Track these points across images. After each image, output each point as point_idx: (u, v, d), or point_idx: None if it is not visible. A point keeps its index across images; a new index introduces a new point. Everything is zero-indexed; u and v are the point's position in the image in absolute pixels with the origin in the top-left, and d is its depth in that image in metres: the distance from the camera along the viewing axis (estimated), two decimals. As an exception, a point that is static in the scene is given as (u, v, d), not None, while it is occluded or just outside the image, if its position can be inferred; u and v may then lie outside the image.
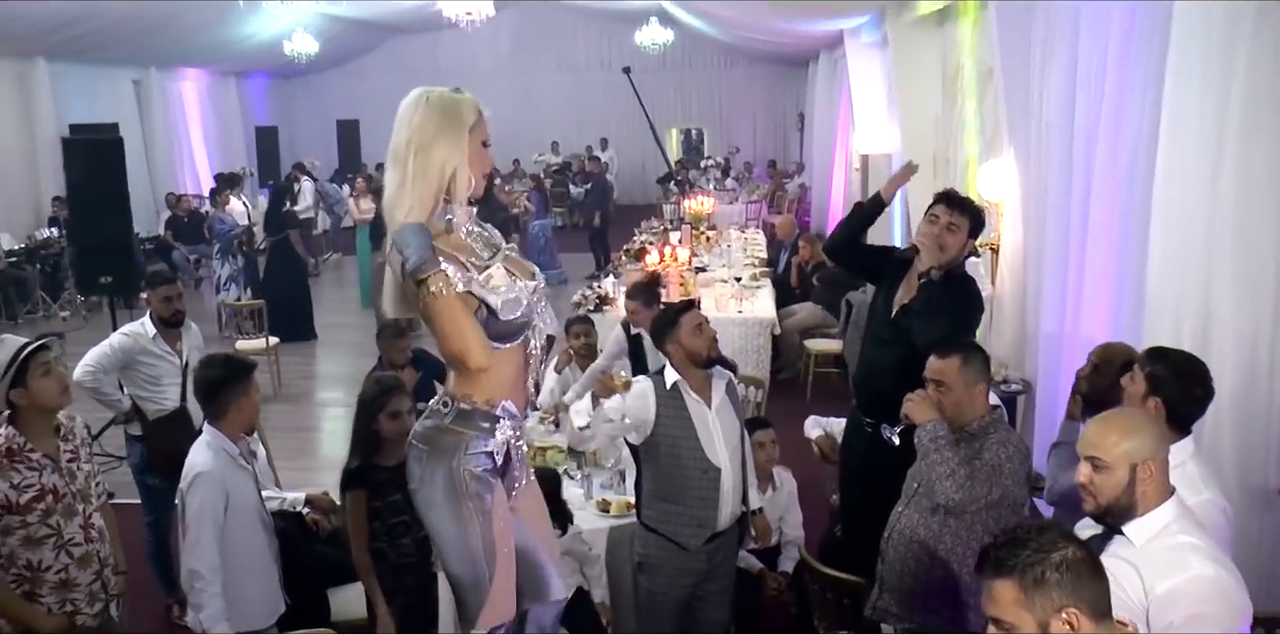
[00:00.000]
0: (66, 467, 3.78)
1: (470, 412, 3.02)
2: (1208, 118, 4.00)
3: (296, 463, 7.44)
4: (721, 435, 4.24)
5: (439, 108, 2.94)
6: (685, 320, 4.29)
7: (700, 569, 4.29)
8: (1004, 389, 6.43)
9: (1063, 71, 5.80)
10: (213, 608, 3.76)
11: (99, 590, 3.85)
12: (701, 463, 4.20)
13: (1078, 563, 2.21)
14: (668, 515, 4.26)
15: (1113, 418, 2.85)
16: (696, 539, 4.24)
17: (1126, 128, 4.98)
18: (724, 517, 4.25)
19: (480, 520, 3.04)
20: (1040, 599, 2.19)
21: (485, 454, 3.04)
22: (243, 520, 3.92)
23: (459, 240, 3.00)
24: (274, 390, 9.95)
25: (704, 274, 10.21)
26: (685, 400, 4.24)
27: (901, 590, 3.64)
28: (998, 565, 2.23)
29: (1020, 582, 2.20)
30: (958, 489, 3.46)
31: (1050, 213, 6.06)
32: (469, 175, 2.95)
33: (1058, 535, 2.26)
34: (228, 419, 3.99)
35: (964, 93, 8.79)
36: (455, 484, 3.03)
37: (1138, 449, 2.69)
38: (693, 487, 4.21)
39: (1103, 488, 2.71)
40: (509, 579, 3.16)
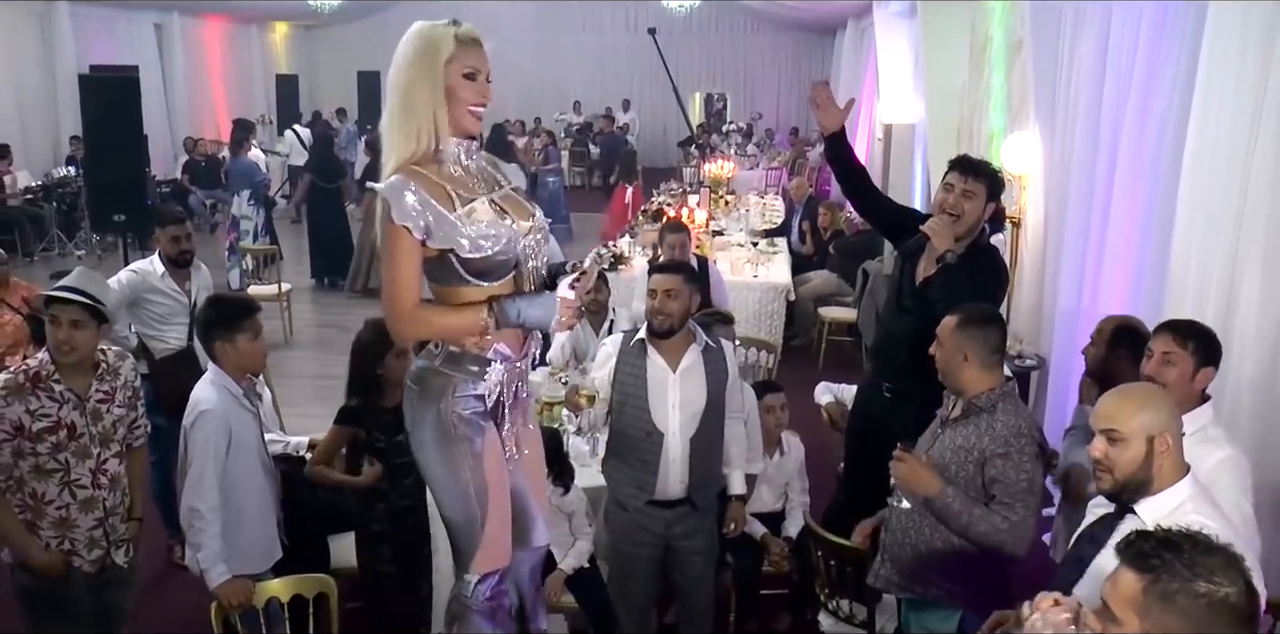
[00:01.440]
0: (93, 406, 3.77)
1: (459, 354, 3.01)
2: (1244, 95, 3.90)
3: (306, 410, 7.41)
4: (679, 401, 4.09)
5: (417, 41, 2.93)
6: (653, 280, 4.17)
7: (656, 535, 4.19)
8: (1018, 364, 6.39)
9: (1094, 44, 5.70)
10: (210, 548, 3.73)
11: (100, 537, 3.84)
12: (645, 425, 4.09)
13: (1224, 607, 1.97)
14: (613, 471, 4.25)
15: (1127, 391, 2.82)
16: (635, 501, 4.16)
17: (1156, 103, 4.90)
18: (669, 485, 4.13)
19: (470, 463, 3.04)
20: (1157, 616, 2.00)
21: (475, 397, 3.03)
22: (243, 461, 3.89)
23: (449, 172, 2.96)
24: (284, 337, 9.96)
25: (720, 238, 10.16)
26: (647, 360, 4.12)
27: (904, 561, 3.61)
28: (1140, 559, 2.05)
29: (1148, 587, 2.02)
30: (1014, 545, 3.36)
31: (1073, 188, 5.98)
32: (451, 108, 2.92)
33: (1225, 568, 2.02)
34: (225, 361, 3.95)
35: (991, 64, 8.66)
36: (444, 426, 3.02)
37: (1154, 421, 2.65)
38: (636, 448, 4.12)
39: (1119, 462, 2.66)
40: (503, 525, 3.15)
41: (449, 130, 2.95)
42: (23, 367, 3.72)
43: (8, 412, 3.61)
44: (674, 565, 4.29)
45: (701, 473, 4.16)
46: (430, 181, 2.90)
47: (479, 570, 3.13)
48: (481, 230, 2.90)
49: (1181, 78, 4.49)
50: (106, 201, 8.77)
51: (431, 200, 2.86)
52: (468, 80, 2.93)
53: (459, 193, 2.93)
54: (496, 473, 3.09)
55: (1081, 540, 2.86)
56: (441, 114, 2.91)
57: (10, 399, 3.62)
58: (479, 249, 2.90)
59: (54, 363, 3.69)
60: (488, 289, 2.97)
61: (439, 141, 2.94)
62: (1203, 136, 4.10)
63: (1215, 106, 4.03)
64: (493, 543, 3.13)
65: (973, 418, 3.49)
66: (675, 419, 4.09)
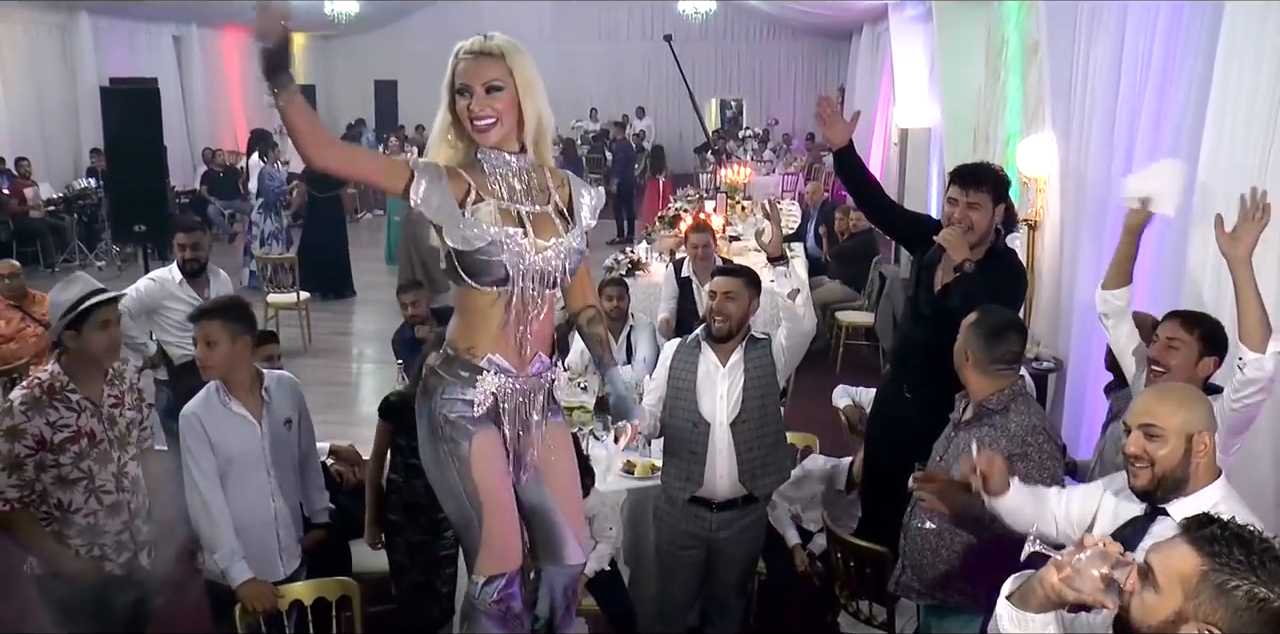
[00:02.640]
0: (108, 412, 3.79)
1: (452, 357, 3.08)
2: (1259, 98, 3.89)
3: (325, 417, 7.41)
4: (726, 393, 4.24)
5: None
6: (714, 280, 4.32)
7: (700, 537, 4.30)
8: (1035, 366, 6.38)
9: (1109, 46, 5.70)
10: (225, 548, 3.75)
11: (127, 541, 3.86)
12: (692, 415, 4.24)
13: (1269, 613, 1.92)
14: (668, 467, 4.39)
15: (1166, 389, 2.86)
16: (683, 493, 4.27)
17: (1171, 106, 4.89)
18: (717, 479, 4.24)
19: (455, 465, 3.09)
20: (1207, 599, 1.94)
21: (462, 401, 3.07)
22: (233, 471, 3.85)
23: (484, 181, 3.02)
24: (304, 345, 10.04)
25: (737, 243, 10.17)
26: (700, 355, 4.28)
27: (924, 566, 3.61)
28: (1207, 542, 1.97)
29: (1205, 571, 1.95)
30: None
31: (1089, 190, 5.98)
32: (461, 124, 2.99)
33: None
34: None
35: (1008, 67, 8.66)
36: (433, 426, 3.10)
37: (1194, 419, 2.64)
38: (684, 438, 4.25)
39: (1157, 457, 2.62)
40: (506, 529, 3.17)
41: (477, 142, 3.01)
42: (35, 380, 3.72)
43: (29, 426, 3.60)
44: (713, 572, 4.38)
45: (749, 460, 4.25)
46: (460, 179, 2.98)
47: (484, 572, 3.16)
48: (473, 229, 2.93)
49: (1197, 79, 4.48)
50: (127, 212, 8.85)
51: (449, 193, 2.94)
52: (461, 97, 2.97)
53: (479, 193, 2.98)
54: (492, 479, 3.11)
55: None
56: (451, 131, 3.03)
57: (31, 413, 3.61)
58: (468, 244, 2.93)
59: (66, 373, 3.71)
60: (486, 294, 3.01)
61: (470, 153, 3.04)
62: (1218, 137, 4.10)
63: (1231, 107, 4.02)
64: (495, 546, 3.14)
65: (985, 420, 3.49)
66: (723, 410, 4.21)
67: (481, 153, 3.03)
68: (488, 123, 2.97)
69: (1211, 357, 3.38)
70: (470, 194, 2.97)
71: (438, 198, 2.92)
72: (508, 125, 3.00)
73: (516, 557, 3.22)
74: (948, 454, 3.56)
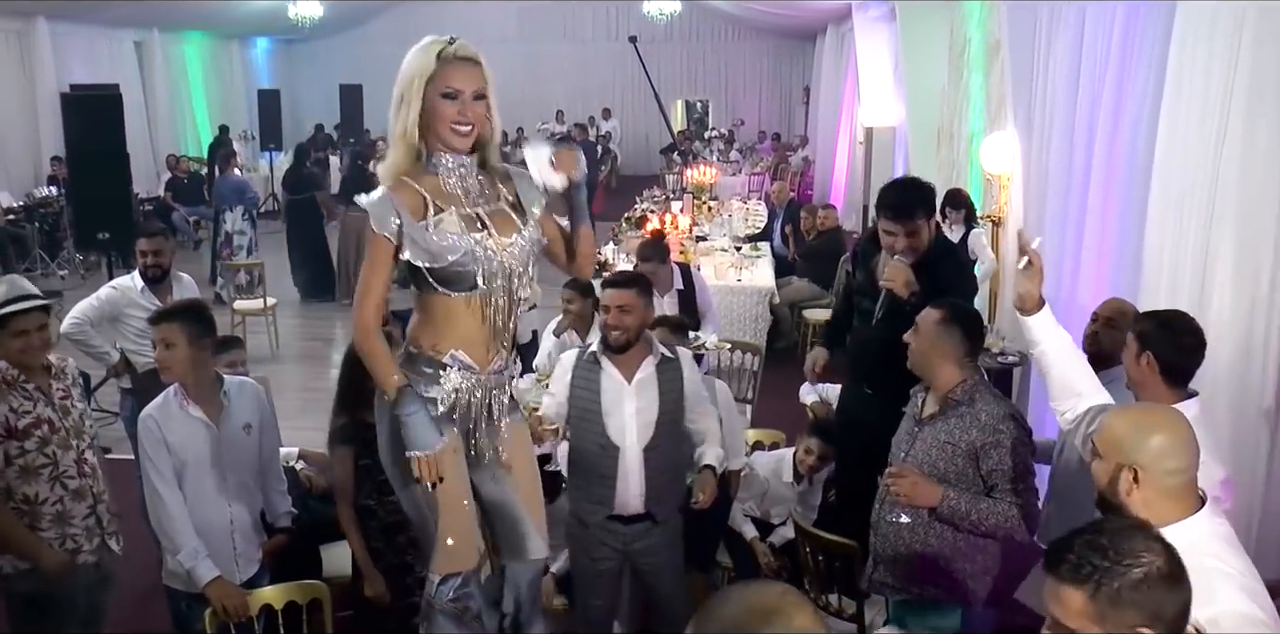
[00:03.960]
0: (60, 403, 3.83)
1: (415, 355, 3.11)
2: (1212, 93, 3.95)
3: (295, 422, 7.40)
4: (634, 412, 3.97)
5: (410, 58, 3.02)
6: (605, 295, 4.01)
7: (616, 550, 4.08)
8: (1001, 361, 6.44)
9: (1068, 45, 5.76)
10: (188, 547, 3.73)
11: (94, 525, 3.89)
12: (600, 438, 3.97)
13: (1159, 578, 1.94)
14: (573, 487, 4.16)
15: (1133, 408, 2.78)
16: (595, 516, 4.04)
17: (1129, 101, 4.96)
18: (627, 499, 4.01)
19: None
20: (1113, 616, 1.94)
21: (425, 400, 3.09)
22: (189, 475, 3.82)
23: (437, 184, 3.05)
24: (271, 351, 9.99)
25: (704, 243, 10.21)
26: (602, 373, 4.00)
27: (896, 562, 3.62)
28: (1072, 572, 1.97)
29: (1093, 595, 1.95)
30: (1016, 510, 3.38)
31: (1051, 185, 6.04)
32: (434, 126, 3.01)
33: (1141, 544, 1.98)
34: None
35: (970, 65, 8.74)
36: (395, 425, 3.10)
37: (1130, 449, 2.44)
38: (592, 462, 4.00)
39: (1095, 473, 2.52)
40: (462, 528, 3.19)
41: (437, 146, 3.01)
42: None
43: None
44: (643, 581, 4.22)
45: (658, 485, 4.04)
46: (412, 192, 3.00)
47: (439, 571, 3.19)
48: (441, 241, 2.99)
49: (1153, 77, 4.54)
50: (90, 220, 8.78)
51: (407, 211, 2.97)
52: (447, 100, 2.98)
53: (437, 203, 3.01)
54: (450, 477, 3.12)
55: None
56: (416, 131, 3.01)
57: None
58: (438, 259, 2.99)
59: (15, 366, 3.72)
60: (457, 299, 3.03)
61: (428, 155, 3.04)
62: (1173, 133, 4.15)
63: (1184, 104, 4.08)
64: (451, 545, 3.17)
65: (951, 412, 3.52)
66: (632, 432, 3.97)
67: (437, 156, 3.04)
68: (468, 129, 3.02)
69: (1145, 353, 3.20)
70: (429, 207, 3.00)
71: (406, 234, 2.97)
72: (477, 131, 3.05)
73: (472, 556, 3.23)
74: (913, 450, 3.58)
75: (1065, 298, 5.62)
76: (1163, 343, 3.18)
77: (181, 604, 3.91)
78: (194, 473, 3.83)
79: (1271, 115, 3.86)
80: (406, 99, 2.99)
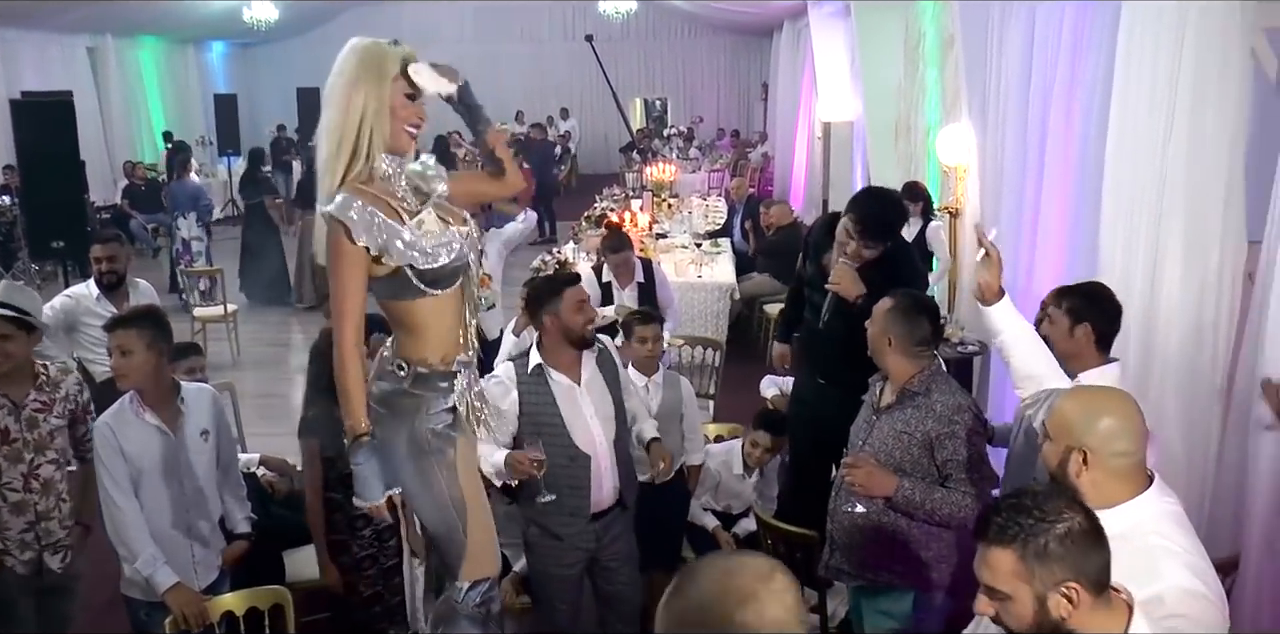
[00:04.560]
0: (29, 414, 3.80)
1: (428, 374, 3.08)
2: (1159, 87, 4.04)
3: (257, 429, 7.38)
4: (594, 413, 3.92)
5: (358, 56, 2.97)
6: (569, 294, 3.89)
7: (588, 548, 4.01)
8: (960, 350, 6.49)
9: (1020, 39, 5.82)
10: (145, 554, 3.70)
11: (31, 541, 3.86)
12: (569, 450, 3.86)
13: (1081, 534, 2.06)
14: (542, 506, 3.88)
15: (1083, 392, 2.82)
16: (572, 527, 3.94)
17: (1080, 95, 5.03)
18: (601, 500, 3.97)
19: (444, 475, 3.12)
20: (1040, 572, 2.05)
21: (446, 411, 3.11)
22: (144, 483, 3.78)
23: (388, 188, 3.01)
24: (232, 358, 9.92)
25: (664, 240, 10.23)
26: (550, 382, 3.90)
27: (851, 549, 3.64)
28: (999, 533, 2.09)
29: (1020, 553, 2.06)
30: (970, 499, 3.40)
31: (1006, 177, 6.10)
32: (389, 126, 2.97)
33: (1063, 503, 2.11)
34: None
35: (925, 60, 8.79)
36: (418, 443, 3.09)
37: (1079, 432, 2.49)
38: (561, 475, 3.84)
39: (1045, 455, 2.58)
40: (486, 532, 3.23)
41: (382, 148, 2.99)
42: None
43: None
44: (603, 577, 4.14)
45: (626, 473, 4.05)
46: (374, 198, 2.95)
47: (469, 577, 3.20)
48: (435, 241, 2.98)
49: (1103, 69, 4.60)
50: (45, 229, 8.70)
51: (381, 216, 2.92)
52: (409, 100, 2.99)
53: (403, 207, 2.99)
54: (471, 482, 3.17)
55: None
56: (381, 128, 2.96)
57: None
58: (434, 260, 2.96)
59: None
60: (441, 297, 3.01)
61: (372, 158, 2.98)
62: (1122, 124, 4.23)
63: (1133, 99, 4.17)
64: (478, 550, 3.20)
65: (908, 402, 3.54)
66: (598, 435, 3.92)
67: (387, 160, 3.01)
68: (417, 131, 3.04)
69: (1082, 324, 3.35)
70: (400, 212, 2.97)
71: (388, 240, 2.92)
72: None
73: (497, 560, 3.28)
74: (871, 439, 3.60)
75: (1022, 287, 5.68)
76: (1095, 314, 3.34)
77: (141, 613, 3.87)
78: (151, 480, 3.80)
79: (1216, 107, 3.95)
80: (372, 97, 2.93)
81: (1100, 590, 2.09)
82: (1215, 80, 3.91)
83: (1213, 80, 3.92)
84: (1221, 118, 3.94)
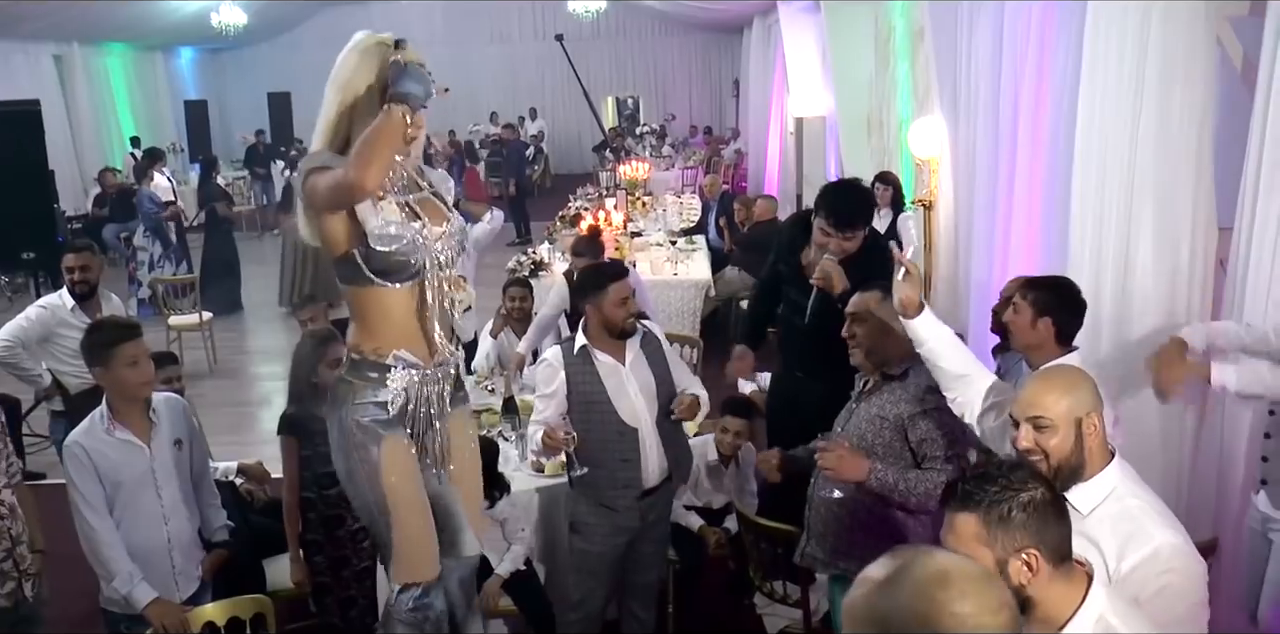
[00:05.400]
0: None
1: (359, 361, 3.08)
2: (1126, 76, 4.06)
3: (234, 437, 7.38)
4: (638, 390, 4.11)
5: (359, 53, 3.02)
6: (614, 289, 4.07)
7: (633, 527, 4.20)
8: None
9: (990, 33, 5.83)
10: (123, 573, 3.66)
11: (10, 569, 3.75)
12: (618, 425, 4.07)
13: (1044, 504, 2.15)
14: (594, 479, 4.14)
15: (1049, 375, 2.85)
16: (625, 500, 4.14)
17: (1049, 88, 5.04)
18: (650, 475, 4.15)
19: (365, 471, 3.08)
20: (1002, 537, 2.13)
21: (375, 404, 3.07)
22: (120, 498, 3.73)
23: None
24: (209, 366, 9.86)
25: (639, 238, 10.23)
26: (595, 362, 4.10)
27: (828, 536, 3.65)
28: (964, 499, 2.17)
29: (984, 518, 2.14)
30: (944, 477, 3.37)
31: (979, 169, 6.11)
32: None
33: (1028, 475, 2.22)
34: (106, 389, 3.78)
35: (896, 54, 8.82)
36: (345, 433, 3.10)
37: (1079, 403, 2.62)
38: (612, 449, 4.09)
39: (1050, 448, 2.61)
40: (420, 537, 3.17)
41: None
42: None
43: None
44: (633, 559, 4.30)
45: (675, 453, 4.24)
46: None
47: (398, 580, 3.16)
48: (384, 227, 2.96)
49: (1072, 61, 4.61)
50: (14, 240, 8.53)
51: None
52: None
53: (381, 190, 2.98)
54: (403, 484, 3.11)
55: None
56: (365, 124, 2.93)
57: None
58: (380, 242, 2.95)
59: None
60: (393, 291, 3.01)
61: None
62: (1091, 116, 4.24)
63: (1101, 88, 4.17)
64: (408, 554, 3.15)
65: (884, 386, 3.58)
66: (643, 410, 4.10)
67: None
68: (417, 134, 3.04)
69: (1045, 317, 3.40)
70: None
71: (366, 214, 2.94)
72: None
73: (431, 566, 3.21)
74: (848, 425, 3.63)
75: (997, 279, 5.69)
76: (1059, 309, 3.42)
77: (120, 626, 3.82)
78: (129, 494, 3.75)
79: (1183, 95, 3.97)
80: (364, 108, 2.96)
81: (1060, 561, 2.17)
82: (1182, 69, 3.94)
83: (1179, 69, 3.94)
84: (1189, 106, 3.97)
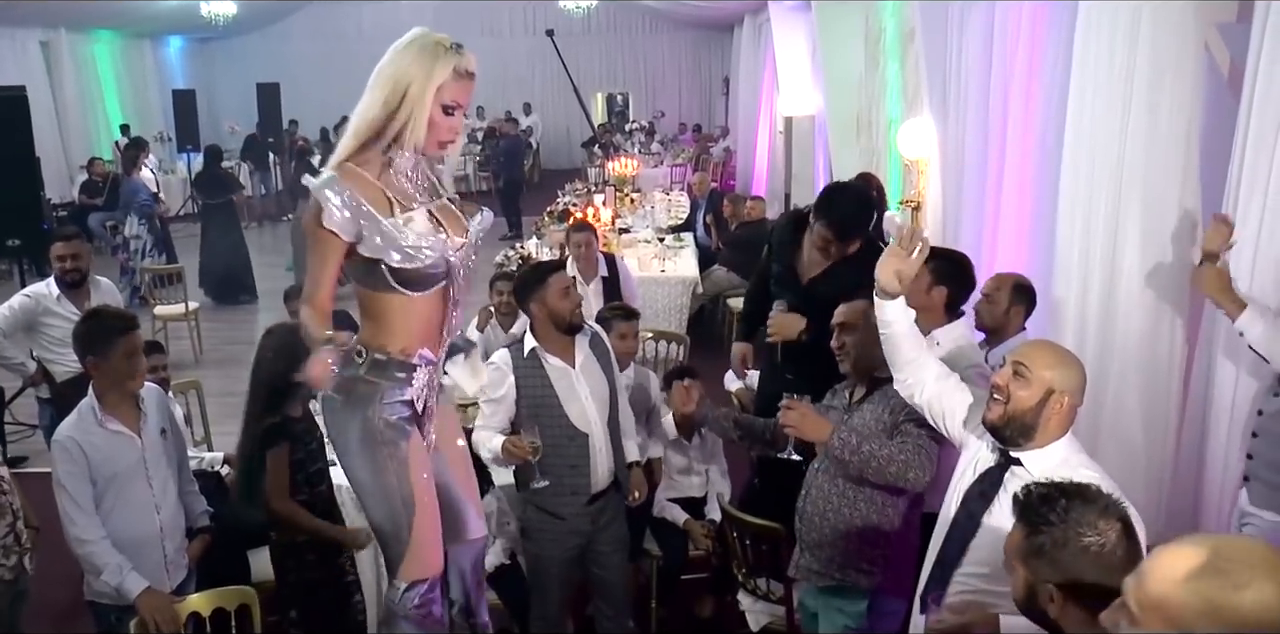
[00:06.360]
0: None
1: (385, 362, 3.01)
2: (1115, 82, 4.10)
3: (223, 427, 7.31)
4: (589, 394, 4.10)
5: (416, 49, 2.94)
6: (553, 280, 4.07)
7: (584, 531, 4.19)
8: (924, 341, 6.52)
9: (980, 34, 5.86)
10: (112, 564, 3.66)
11: (12, 543, 3.79)
12: (568, 430, 4.06)
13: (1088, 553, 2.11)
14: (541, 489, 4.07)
15: (1057, 346, 2.96)
16: (573, 507, 4.13)
17: (1039, 86, 5.07)
18: (599, 480, 4.14)
19: (395, 468, 3.04)
20: (1034, 563, 2.17)
21: (402, 403, 3.03)
22: (112, 489, 3.74)
23: (393, 181, 2.96)
24: (194, 356, 9.83)
25: (627, 235, 10.24)
26: (545, 365, 4.08)
27: (822, 547, 3.63)
28: (1025, 513, 2.20)
29: (1028, 539, 2.17)
30: (919, 468, 3.35)
31: (967, 169, 6.14)
32: (422, 127, 2.89)
33: (1097, 514, 2.15)
34: (99, 380, 3.79)
35: (886, 54, 8.83)
36: (371, 433, 3.02)
37: (1062, 379, 2.73)
38: (560, 454, 4.04)
39: (1015, 395, 2.73)
40: (433, 531, 3.15)
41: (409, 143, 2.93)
42: None
43: None
44: (593, 561, 4.28)
45: (620, 456, 4.23)
46: (367, 184, 2.89)
47: (407, 578, 3.14)
48: (415, 241, 2.89)
49: (1061, 64, 4.65)
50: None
51: (365, 204, 2.85)
52: (446, 115, 2.93)
53: (398, 199, 2.93)
54: (423, 479, 3.10)
55: (970, 498, 2.91)
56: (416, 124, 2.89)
57: None
58: (411, 260, 2.89)
59: None
60: (414, 298, 2.98)
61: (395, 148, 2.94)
62: (1080, 118, 4.28)
63: (1090, 91, 4.22)
64: (421, 550, 3.13)
65: (876, 392, 3.58)
66: (593, 413, 4.08)
67: (408, 157, 2.98)
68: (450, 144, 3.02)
69: (940, 286, 3.74)
70: (393, 204, 2.92)
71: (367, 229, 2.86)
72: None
73: (439, 562, 3.21)
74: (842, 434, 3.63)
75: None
76: (952, 280, 3.84)
77: (110, 617, 3.82)
78: (121, 486, 3.76)
79: (1171, 96, 4.01)
80: (412, 106, 2.88)
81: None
82: (1170, 73, 3.99)
83: (1167, 73, 3.99)
84: (1176, 109, 4.02)
